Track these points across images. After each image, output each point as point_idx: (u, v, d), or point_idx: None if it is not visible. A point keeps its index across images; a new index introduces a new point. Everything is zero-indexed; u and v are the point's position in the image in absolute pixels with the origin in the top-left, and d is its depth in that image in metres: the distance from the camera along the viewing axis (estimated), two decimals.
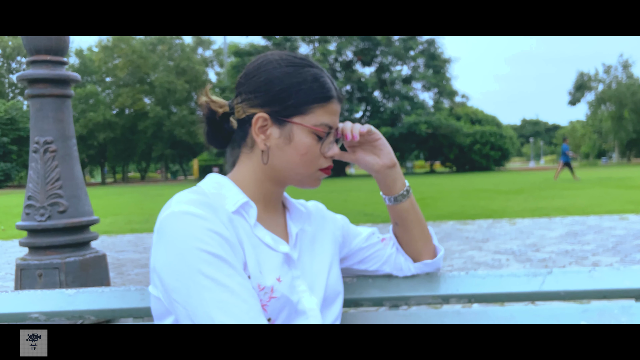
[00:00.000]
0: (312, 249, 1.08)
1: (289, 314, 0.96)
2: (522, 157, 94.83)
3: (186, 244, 0.86)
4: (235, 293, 0.85)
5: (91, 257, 2.33)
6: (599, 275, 1.27)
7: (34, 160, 2.30)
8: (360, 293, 1.25)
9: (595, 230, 7.29)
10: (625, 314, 1.23)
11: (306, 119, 0.99)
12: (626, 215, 8.88)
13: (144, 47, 49.77)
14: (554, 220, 8.53)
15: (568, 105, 56.31)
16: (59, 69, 2.33)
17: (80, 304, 1.26)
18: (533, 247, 6.14)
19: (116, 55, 50.46)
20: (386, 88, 41.86)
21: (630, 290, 1.25)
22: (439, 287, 1.25)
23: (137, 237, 8.45)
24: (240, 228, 0.95)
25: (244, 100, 1.00)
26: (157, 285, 0.92)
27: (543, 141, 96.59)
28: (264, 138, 0.99)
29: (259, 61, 1.03)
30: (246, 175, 1.02)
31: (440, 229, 7.92)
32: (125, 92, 48.98)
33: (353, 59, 42.28)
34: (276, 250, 0.99)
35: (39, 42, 2.29)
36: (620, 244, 6.07)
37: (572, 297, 1.26)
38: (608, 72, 52.40)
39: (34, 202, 2.27)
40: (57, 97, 2.32)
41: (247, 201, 0.98)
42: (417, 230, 1.16)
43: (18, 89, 53.17)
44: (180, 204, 0.90)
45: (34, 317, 1.26)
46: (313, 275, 1.04)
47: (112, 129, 49.23)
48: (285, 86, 0.98)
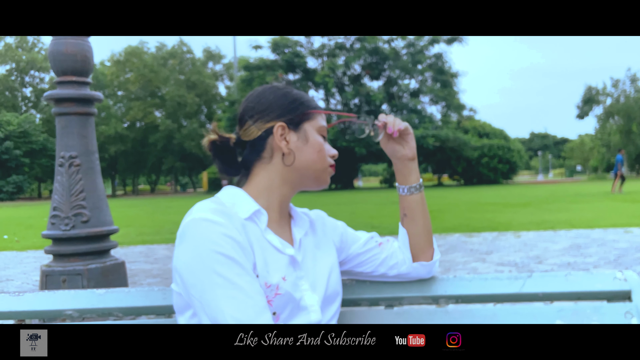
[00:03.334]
0: (314, 253, 1.23)
1: (292, 309, 1.11)
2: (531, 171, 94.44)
3: (204, 247, 1.01)
4: (244, 290, 1.00)
5: (111, 264, 2.49)
6: (574, 279, 1.41)
7: (60, 174, 2.47)
8: (359, 294, 1.40)
9: (599, 243, 7.37)
10: (597, 314, 1.37)
11: (312, 123, 1.20)
12: (631, 228, 8.95)
13: (155, 61, 50.45)
14: (559, 233, 8.61)
15: (577, 119, 56.22)
16: (83, 89, 2.51)
17: (109, 302, 1.41)
18: (536, 259, 6.24)
19: (128, 69, 51.16)
20: (394, 102, 42.07)
21: (602, 292, 1.39)
22: (430, 288, 1.40)
23: (148, 249, 8.62)
24: (251, 233, 1.10)
25: (257, 120, 1.17)
26: (178, 283, 1.08)
27: (552, 154, 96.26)
28: (285, 143, 1.16)
29: (260, 89, 1.22)
30: (260, 185, 1.17)
31: (446, 241, 8.03)
32: (137, 106, 49.58)
33: (361, 72, 42.57)
34: (283, 253, 1.14)
35: (66, 64, 2.48)
36: (621, 257, 6.16)
37: (549, 298, 1.40)
38: (616, 86, 52.34)
39: (59, 212, 2.44)
40: (81, 115, 2.51)
41: (259, 209, 1.14)
42: (422, 224, 1.30)
43: (31, 102, 53.93)
44: (201, 211, 1.06)
45: (67, 314, 1.41)
46: (315, 276, 1.19)
47: (123, 142, 49.78)
48: (292, 99, 1.19)
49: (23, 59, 51.81)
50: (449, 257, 6.62)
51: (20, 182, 42.49)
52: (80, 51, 2.48)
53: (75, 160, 2.47)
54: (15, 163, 42.61)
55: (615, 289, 1.39)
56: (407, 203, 1.30)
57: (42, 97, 2.53)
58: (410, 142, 1.27)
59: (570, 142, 79.90)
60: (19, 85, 53.63)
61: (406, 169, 1.29)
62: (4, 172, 42.48)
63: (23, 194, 43.72)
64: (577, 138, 74.30)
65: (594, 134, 60.89)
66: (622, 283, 1.40)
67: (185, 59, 52.36)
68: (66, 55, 2.46)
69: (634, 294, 1.39)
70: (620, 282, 1.40)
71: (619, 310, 1.37)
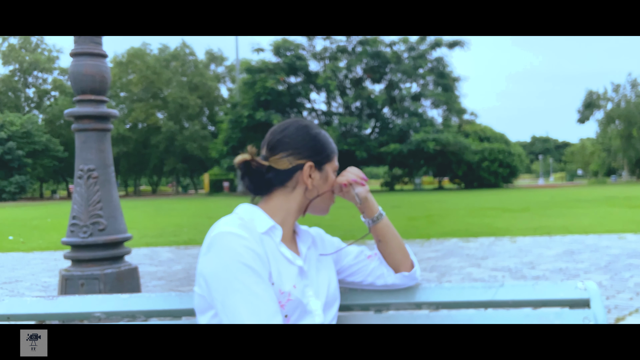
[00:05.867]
0: (317, 265, 1.43)
1: (300, 312, 1.31)
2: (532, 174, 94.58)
3: (229, 257, 1.21)
4: (259, 296, 1.20)
5: (126, 269, 2.69)
6: (540, 288, 1.60)
7: (79, 185, 2.67)
8: (352, 300, 1.60)
9: (592, 249, 7.56)
10: (559, 319, 1.56)
11: (331, 164, 1.43)
12: (625, 234, 9.14)
13: (157, 63, 50.71)
14: (554, 239, 8.80)
15: (578, 124, 56.44)
16: (101, 107, 2.71)
17: (133, 305, 1.60)
18: (529, 264, 6.43)
19: (130, 70, 51.42)
20: (395, 105, 42.31)
21: (565, 300, 1.59)
22: (414, 296, 1.59)
23: (152, 251, 8.82)
24: (267, 245, 1.30)
25: (290, 155, 1.37)
26: (202, 286, 1.27)
27: (553, 158, 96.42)
28: (311, 180, 1.37)
29: (294, 127, 1.40)
30: (278, 206, 1.37)
31: (443, 246, 8.23)
32: (139, 107, 49.84)
33: (363, 76, 42.80)
34: (293, 264, 1.34)
35: (85, 83, 2.68)
36: (612, 263, 6.35)
37: (518, 305, 1.60)
38: (617, 91, 52.59)
39: (78, 221, 2.64)
40: (99, 131, 2.71)
41: (274, 225, 1.34)
42: (395, 243, 1.51)
43: (34, 103, 54.19)
44: (227, 226, 1.25)
45: (96, 316, 1.61)
46: (318, 285, 1.39)
47: (125, 143, 50.03)
48: (320, 143, 1.40)
49: (26, 59, 52.13)
50: (446, 262, 6.82)
51: (22, 183, 42.77)
52: (98, 72, 2.68)
53: (93, 172, 2.67)
54: (17, 163, 42.88)
55: (576, 297, 1.59)
56: (376, 231, 1.51)
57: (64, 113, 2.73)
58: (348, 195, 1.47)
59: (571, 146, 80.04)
60: (22, 86, 53.96)
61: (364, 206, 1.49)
62: (6, 173, 42.76)
63: (25, 194, 43.90)
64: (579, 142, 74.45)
65: (595, 138, 61.09)
66: (582, 292, 1.59)
67: (188, 61, 52.66)
68: (85, 76, 2.66)
69: (593, 302, 1.58)
70: (580, 291, 1.60)
71: (579, 315, 1.56)
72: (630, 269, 5.93)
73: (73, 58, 2.70)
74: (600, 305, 1.59)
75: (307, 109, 44.34)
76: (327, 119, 43.55)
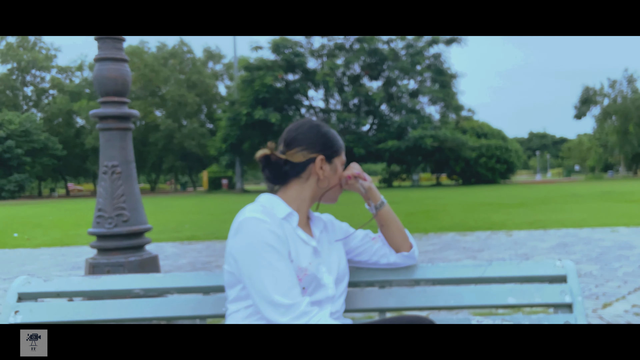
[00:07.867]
0: (328, 246, 1.66)
1: (315, 285, 1.53)
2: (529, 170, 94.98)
3: (255, 238, 1.44)
4: (281, 271, 1.43)
5: (147, 257, 2.92)
6: (524, 266, 1.84)
7: (103, 180, 2.90)
8: (359, 277, 1.82)
9: (585, 241, 7.82)
10: (539, 292, 1.80)
11: (339, 158, 1.65)
12: (618, 228, 9.39)
13: (155, 61, 50.80)
14: (549, 232, 9.05)
15: (575, 119, 56.76)
16: (123, 107, 2.94)
17: (167, 282, 1.83)
18: (524, 256, 6.67)
19: None
20: (393, 102, 42.52)
21: (545, 276, 1.82)
22: (413, 273, 1.82)
23: (157, 246, 9.03)
24: (286, 229, 1.53)
25: (304, 149, 1.59)
26: (231, 264, 1.50)
27: (550, 154, 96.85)
28: (322, 172, 1.60)
29: (307, 125, 1.63)
30: (293, 195, 1.60)
31: (441, 240, 8.47)
32: (137, 105, 49.90)
33: (360, 73, 43.00)
34: (308, 244, 1.57)
35: (108, 86, 2.90)
36: (603, 254, 6.60)
37: (504, 281, 1.83)
38: (613, 87, 52.91)
39: (103, 213, 2.87)
40: (121, 130, 2.93)
41: (292, 211, 1.56)
42: (395, 227, 1.74)
43: (32, 102, 54.26)
44: (252, 212, 1.48)
45: (135, 292, 1.83)
46: (330, 262, 1.63)
47: None
48: (330, 140, 1.63)
49: (24, 58, 52.17)
50: (443, 254, 7.06)
51: (21, 181, 42.92)
52: (120, 75, 2.90)
53: (117, 168, 2.89)
54: (16, 162, 43.03)
55: (555, 273, 1.82)
56: (379, 217, 1.75)
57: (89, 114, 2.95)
58: (354, 186, 1.71)
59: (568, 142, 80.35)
60: (20, 85, 54.01)
61: (368, 195, 1.73)
62: (5, 171, 42.90)
63: (24, 192, 44.04)
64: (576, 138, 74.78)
65: (592, 134, 61.41)
66: (559, 269, 1.83)
67: (186, 59, 52.79)
68: (108, 79, 2.88)
69: (569, 278, 1.82)
70: (558, 268, 1.83)
71: (556, 289, 1.80)
72: (620, 260, 6.18)
73: (97, 63, 2.92)
74: (576, 281, 1.82)
75: (305, 106, 44.54)
76: (325, 116, 43.75)
